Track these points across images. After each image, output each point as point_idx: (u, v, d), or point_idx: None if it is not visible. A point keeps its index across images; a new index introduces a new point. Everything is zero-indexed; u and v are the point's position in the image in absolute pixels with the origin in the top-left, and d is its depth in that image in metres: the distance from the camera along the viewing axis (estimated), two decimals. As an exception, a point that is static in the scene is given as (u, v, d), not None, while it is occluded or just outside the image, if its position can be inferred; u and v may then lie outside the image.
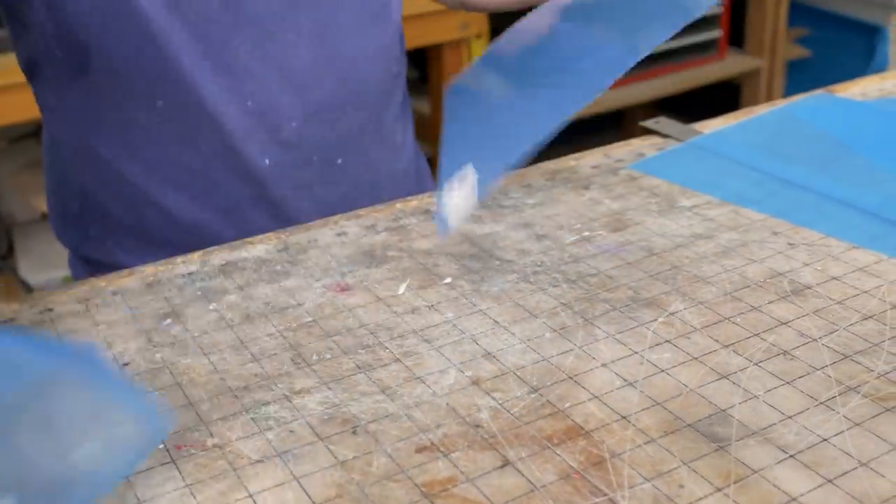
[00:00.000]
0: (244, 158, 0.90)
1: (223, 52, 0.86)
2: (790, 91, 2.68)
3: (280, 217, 0.93)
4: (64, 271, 2.06)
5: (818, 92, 1.09)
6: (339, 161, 0.94)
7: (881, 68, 2.68)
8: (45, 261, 2.10)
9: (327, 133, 0.93)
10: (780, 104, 1.06)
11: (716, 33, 2.67)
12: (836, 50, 2.86)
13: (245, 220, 0.92)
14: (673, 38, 2.42)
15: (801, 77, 2.83)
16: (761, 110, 1.05)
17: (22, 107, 1.42)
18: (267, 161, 0.90)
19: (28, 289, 2.04)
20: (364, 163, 0.97)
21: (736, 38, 2.77)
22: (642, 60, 2.15)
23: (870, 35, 2.80)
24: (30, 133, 2.08)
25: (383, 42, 0.95)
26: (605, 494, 0.53)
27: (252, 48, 0.87)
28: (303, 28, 0.88)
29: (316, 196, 0.94)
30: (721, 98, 2.75)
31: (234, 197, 0.92)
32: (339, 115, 0.93)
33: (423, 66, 2.29)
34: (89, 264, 0.98)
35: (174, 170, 0.90)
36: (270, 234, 0.84)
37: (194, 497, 0.54)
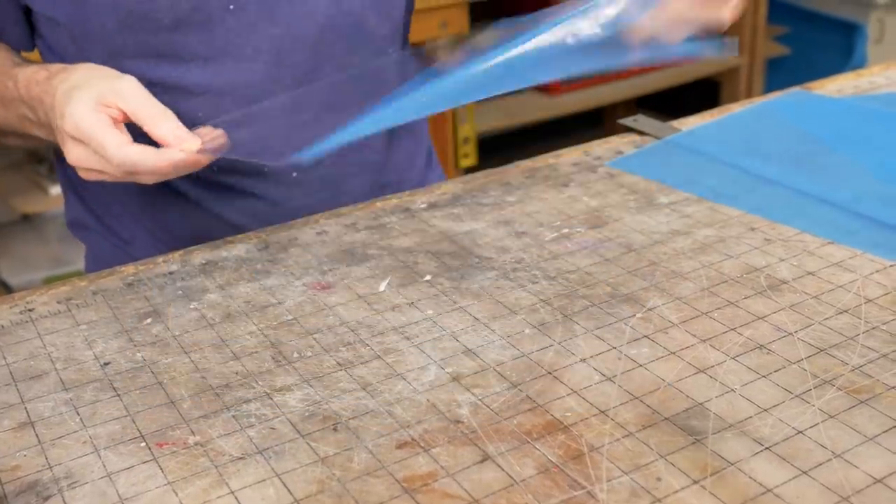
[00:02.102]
0: None
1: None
2: (770, 88, 2.70)
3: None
4: (44, 273, 2.06)
5: (795, 89, 1.10)
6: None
7: (860, 65, 2.71)
8: (25, 262, 2.09)
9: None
10: (758, 101, 1.07)
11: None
12: (816, 47, 2.89)
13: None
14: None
15: (781, 74, 2.85)
16: (738, 108, 1.06)
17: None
18: None
19: (8, 290, 2.04)
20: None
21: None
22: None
23: (848, 33, 2.82)
24: (9, 134, 2.07)
25: None
26: (584, 488, 0.53)
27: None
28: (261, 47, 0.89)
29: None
30: (701, 95, 2.77)
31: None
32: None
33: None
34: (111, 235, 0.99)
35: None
36: (251, 234, 0.84)
37: (176, 494, 0.54)
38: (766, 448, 0.56)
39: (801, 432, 0.57)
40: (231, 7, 0.86)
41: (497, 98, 2.49)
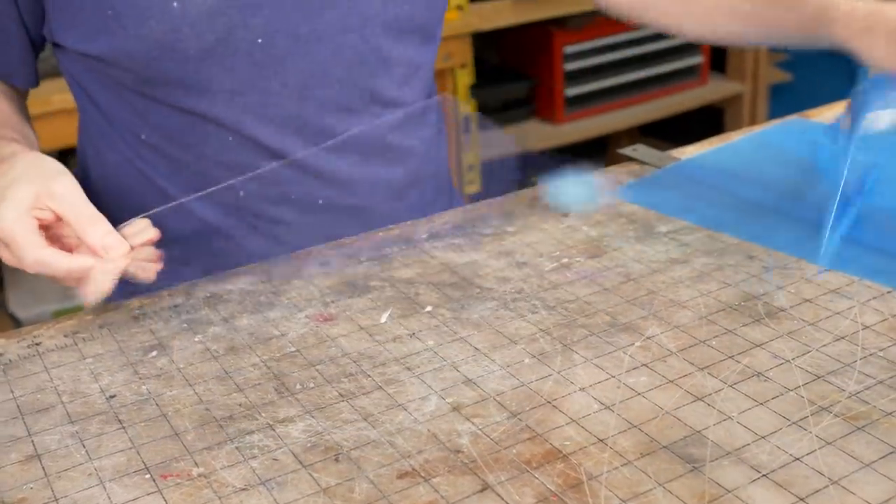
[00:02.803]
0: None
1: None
2: (774, 115, 2.71)
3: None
4: (53, 306, 2.07)
5: (793, 117, 1.11)
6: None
7: (863, 91, 2.71)
8: (34, 295, 2.11)
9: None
10: (756, 130, 1.08)
11: (698, 59, 2.70)
12: (819, 73, 2.89)
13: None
14: (655, 64, 2.46)
15: (785, 101, 2.86)
16: (737, 136, 1.07)
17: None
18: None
19: (17, 324, 2.05)
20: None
21: (718, 63, 2.80)
22: (626, 86, 2.19)
23: (852, 59, 2.83)
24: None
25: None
26: (583, 516, 0.54)
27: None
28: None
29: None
30: (704, 123, 2.78)
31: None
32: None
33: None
34: None
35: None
36: (254, 266, 0.85)
37: (179, 526, 0.55)
38: (764, 475, 0.56)
39: (798, 459, 0.57)
40: (259, 41, 0.87)
41: (500, 125, 2.50)
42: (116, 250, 0.73)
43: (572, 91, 2.49)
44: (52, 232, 0.75)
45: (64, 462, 0.61)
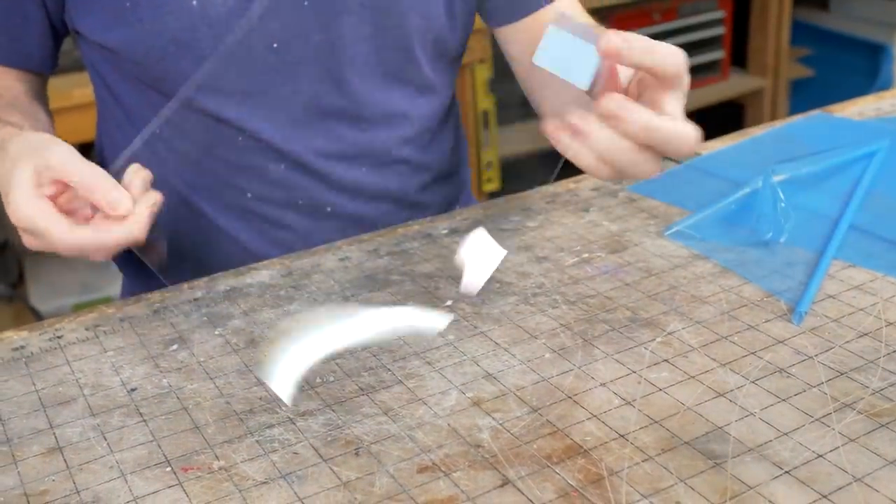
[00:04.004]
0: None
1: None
2: (795, 110, 2.70)
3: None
4: (73, 299, 2.08)
5: (816, 112, 1.10)
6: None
7: (886, 86, 2.70)
8: (54, 289, 2.12)
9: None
10: (778, 125, 1.08)
11: (719, 54, 2.69)
12: (841, 69, 2.88)
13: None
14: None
15: (806, 96, 2.85)
16: (759, 131, 1.06)
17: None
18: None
19: (38, 317, 2.06)
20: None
21: (739, 58, 2.79)
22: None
23: (874, 54, 2.81)
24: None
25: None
26: (603, 512, 0.54)
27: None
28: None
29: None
30: (725, 118, 2.77)
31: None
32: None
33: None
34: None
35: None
36: (274, 260, 0.85)
37: (200, 518, 0.55)
38: (786, 472, 0.56)
39: (821, 456, 0.57)
40: (275, 45, 0.87)
41: (518, 123, 2.49)
42: (123, 204, 0.72)
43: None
44: (65, 206, 0.74)
45: (85, 455, 0.61)
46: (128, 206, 0.72)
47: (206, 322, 0.76)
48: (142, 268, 1.01)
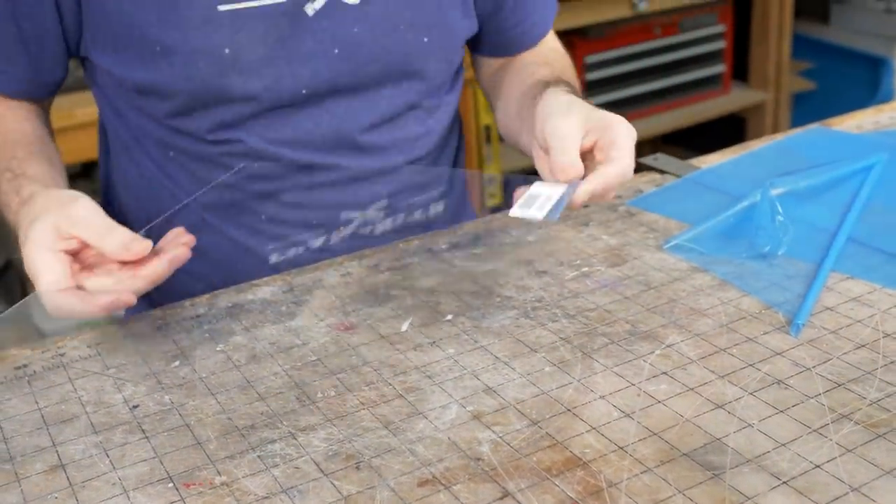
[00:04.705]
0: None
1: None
2: (796, 123, 2.70)
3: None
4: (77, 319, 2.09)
5: (814, 125, 1.11)
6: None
7: (887, 99, 2.70)
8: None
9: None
10: (777, 138, 1.08)
11: (720, 68, 2.70)
12: (842, 82, 2.88)
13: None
14: (677, 73, 2.45)
15: (807, 109, 2.85)
16: (758, 145, 1.07)
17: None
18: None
19: (41, 335, 2.07)
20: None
21: (740, 72, 2.79)
22: (648, 96, 2.21)
23: (875, 67, 2.82)
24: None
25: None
26: (602, 524, 0.54)
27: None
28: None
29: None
30: (727, 132, 2.77)
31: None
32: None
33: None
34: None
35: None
36: (276, 276, 0.86)
37: (202, 533, 0.56)
38: (784, 482, 0.56)
39: (818, 466, 0.57)
40: (304, 91, 0.90)
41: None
42: (140, 246, 0.71)
43: (594, 100, 2.48)
44: (88, 261, 0.73)
45: (88, 472, 0.62)
46: (143, 246, 0.71)
47: (208, 338, 0.76)
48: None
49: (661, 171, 1.01)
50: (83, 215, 0.73)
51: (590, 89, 2.49)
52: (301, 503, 0.57)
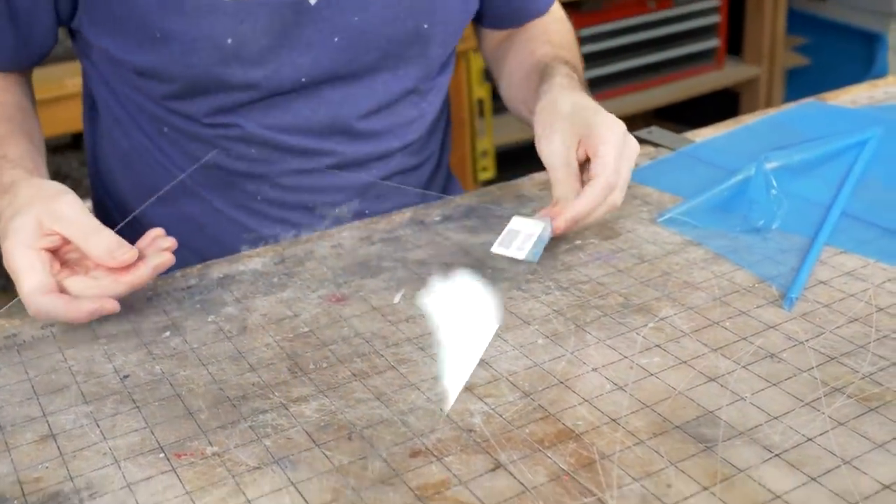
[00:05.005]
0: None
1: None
2: (790, 98, 2.69)
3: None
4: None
5: (809, 100, 1.10)
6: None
7: (881, 75, 2.69)
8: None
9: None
10: (772, 112, 1.08)
11: (714, 42, 2.69)
12: (836, 57, 2.88)
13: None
14: (671, 47, 2.45)
15: (801, 85, 2.84)
16: (752, 119, 1.06)
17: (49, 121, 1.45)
18: None
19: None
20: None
21: (734, 46, 2.78)
22: (642, 70, 2.21)
23: (869, 42, 2.81)
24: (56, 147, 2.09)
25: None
26: (595, 495, 0.54)
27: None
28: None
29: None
30: (720, 106, 2.77)
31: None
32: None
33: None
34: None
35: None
36: (267, 248, 0.85)
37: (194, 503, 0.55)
38: (776, 455, 0.56)
39: (810, 440, 0.57)
40: (303, 80, 0.90)
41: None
42: (122, 254, 0.70)
43: (587, 74, 2.47)
44: (66, 257, 0.73)
45: (79, 442, 0.61)
46: (130, 255, 0.71)
47: (199, 309, 0.76)
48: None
49: (656, 145, 1.01)
50: (68, 213, 0.71)
51: (584, 62, 2.47)
52: (293, 473, 0.57)
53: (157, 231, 0.75)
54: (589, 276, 0.77)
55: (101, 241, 0.71)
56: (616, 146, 0.78)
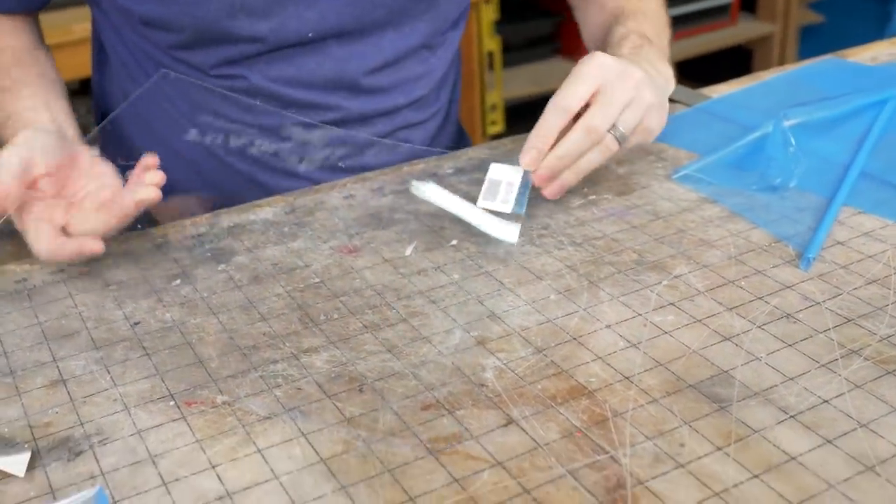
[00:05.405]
0: None
1: None
2: (803, 56, 2.66)
3: None
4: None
5: (829, 56, 1.09)
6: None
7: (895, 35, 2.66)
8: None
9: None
10: (790, 69, 1.06)
11: (728, -2, 2.65)
12: (850, 15, 2.84)
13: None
14: (685, 2, 2.42)
15: (815, 43, 2.81)
16: (770, 75, 1.05)
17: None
18: None
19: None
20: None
21: (748, 3, 2.75)
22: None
23: (884, 1, 2.77)
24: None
25: None
26: (607, 452, 0.54)
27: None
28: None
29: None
30: (733, 64, 2.74)
31: None
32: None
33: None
34: None
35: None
36: (278, 197, 0.85)
37: (204, 452, 0.55)
38: (791, 416, 0.56)
39: (826, 401, 0.57)
40: (310, 35, 0.88)
41: (524, 65, 2.45)
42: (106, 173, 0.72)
43: (601, 28, 2.45)
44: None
45: (89, 387, 0.61)
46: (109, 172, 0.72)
47: (210, 258, 0.75)
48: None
49: (671, 101, 0.99)
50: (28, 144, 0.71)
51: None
52: (304, 424, 0.57)
53: (148, 161, 0.74)
54: (603, 231, 0.76)
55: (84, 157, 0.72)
56: (608, 91, 0.75)
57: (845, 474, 0.51)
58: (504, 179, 0.75)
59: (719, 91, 1.01)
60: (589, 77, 0.76)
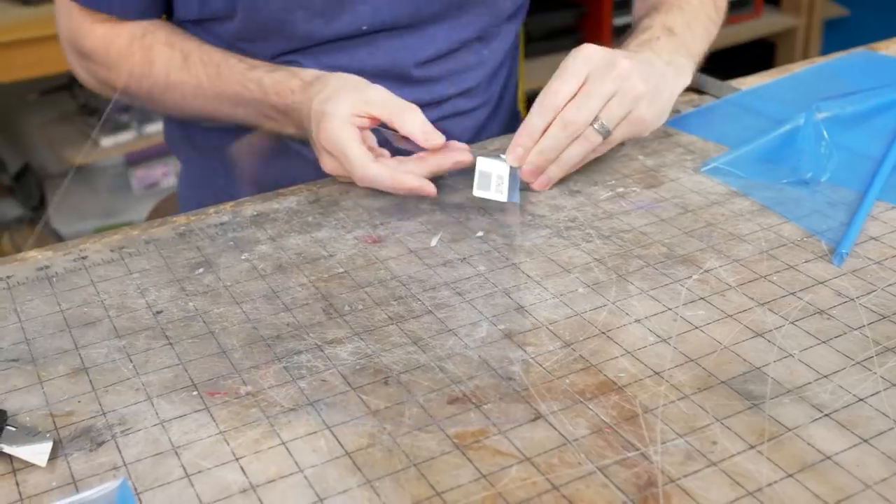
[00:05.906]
0: None
1: None
2: (827, 50, 2.63)
3: None
4: (94, 223, 2.08)
5: (858, 49, 1.07)
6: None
7: (921, 29, 2.62)
8: (76, 212, 2.11)
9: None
10: (819, 61, 1.04)
11: (752, -10, 2.63)
12: (875, 9, 2.81)
13: None
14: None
15: (839, 36, 2.78)
16: (799, 68, 1.03)
17: (53, 59, 1.43)
18: None
19: (59, 240, 2.06)
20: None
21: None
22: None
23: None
24: (61, 85, 2.08)
25: None
26: (637, 449, 0.53)
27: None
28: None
29: None
30: (755, 57, 2.71)
31: None
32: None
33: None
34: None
35: None
36: (301, 186, 0.84)
37: (228, 444, 0.54)
38: (826, 415, 0.55)
39: (862, 400, 0.56)
40: (364, 28, 0.89)
41: (546, 56, 2.44)
42: (434, 137, 0.77)
43: (621, 20, 2.44)
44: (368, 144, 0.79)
45: (111, 376, 0.60)
46: (439, 138, 0.77)
47: (233, 247, 0.75)
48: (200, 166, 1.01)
49: (700, 92, 0.98)
50: (379, 98, 0.78)
51: (617, 8, 2.43)
52: (328, 416, 0.56)
53: (452, 143, 0.79)
54: (631, 224, 0.75)
55: (415, 119, 0.77)
56: (590, 83, 0.76)
57: (882, 475, 0.50)
58: (494, 172, 0.77)
59: (748, 83, 1.00)
60: (574, 71, 0.77)
